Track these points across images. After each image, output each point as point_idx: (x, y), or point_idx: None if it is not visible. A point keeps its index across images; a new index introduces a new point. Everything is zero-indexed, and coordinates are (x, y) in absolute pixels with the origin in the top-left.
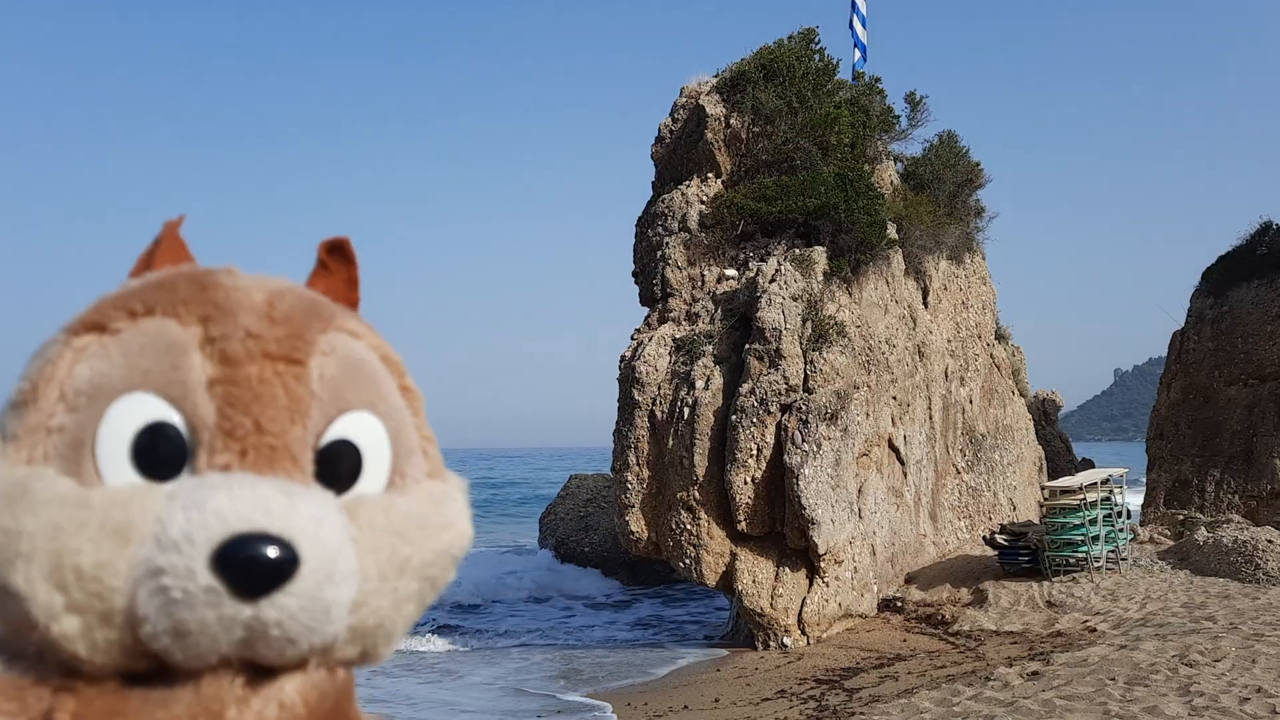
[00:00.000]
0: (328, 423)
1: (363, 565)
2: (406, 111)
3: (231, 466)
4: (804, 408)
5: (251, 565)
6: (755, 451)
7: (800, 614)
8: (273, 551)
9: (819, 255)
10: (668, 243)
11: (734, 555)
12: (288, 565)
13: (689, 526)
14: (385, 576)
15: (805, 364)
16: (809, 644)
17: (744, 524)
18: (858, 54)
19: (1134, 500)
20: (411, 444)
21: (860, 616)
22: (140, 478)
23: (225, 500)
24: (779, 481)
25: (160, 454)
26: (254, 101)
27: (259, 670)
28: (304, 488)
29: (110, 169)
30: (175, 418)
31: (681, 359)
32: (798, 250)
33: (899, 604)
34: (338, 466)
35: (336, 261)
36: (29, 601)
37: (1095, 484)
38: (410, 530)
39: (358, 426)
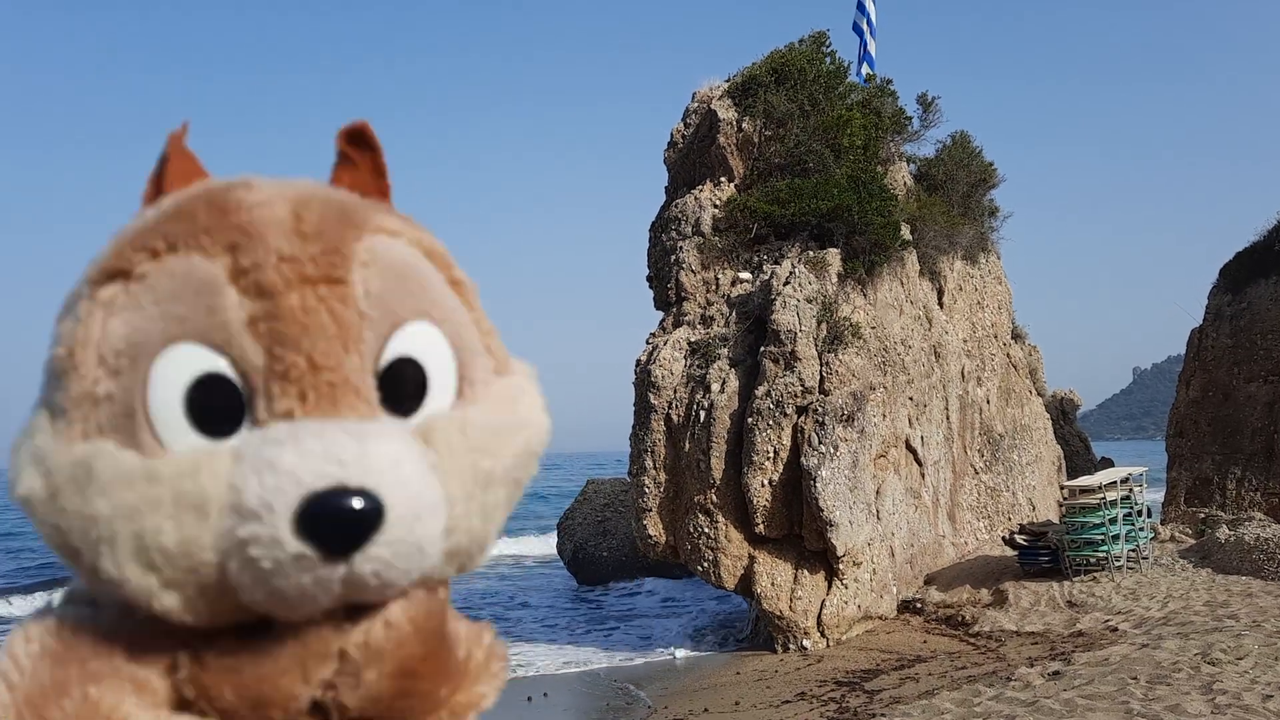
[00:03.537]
0: (382, 343)
1: (448, 491)
2: (407, 109)
3: (294, 413)
4: (820, 409)
5: (337, 523)
6: (772, 454)
7: (819, 616)
8: (356, 504)
9: (833, 257)
10: (681, 247)
11: (752, 558)
12: (373, 515)
13: (707, 530)
14: (472, 495)
15: (821, 366)
16: (828, 646)
17: (762, 526)
18: (866, 68)
19: (1154, 499)
20: (474, 345)
21: (880, 618)
22: (201, 437)
23: (295, 458)
24: (796, 484)
25: (217, 408)
26: (256, 96)
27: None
28: (374, 424)
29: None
30: (223, 365)
31: (697, 362)
32: (811, 252)
33: (918, 605)
34: (402, 387)
35: (358, 151)
36: (124, 585)
37: (1115, 483)
38: (488, 442)
39: (415, 340)
